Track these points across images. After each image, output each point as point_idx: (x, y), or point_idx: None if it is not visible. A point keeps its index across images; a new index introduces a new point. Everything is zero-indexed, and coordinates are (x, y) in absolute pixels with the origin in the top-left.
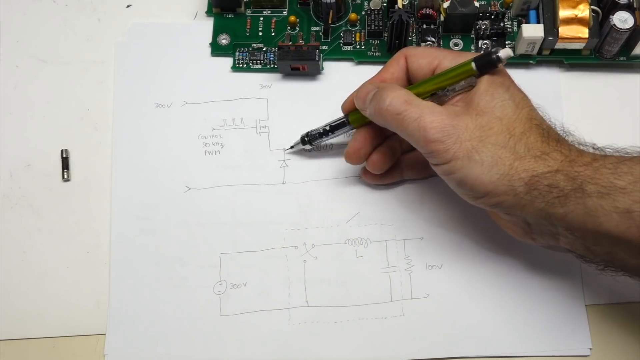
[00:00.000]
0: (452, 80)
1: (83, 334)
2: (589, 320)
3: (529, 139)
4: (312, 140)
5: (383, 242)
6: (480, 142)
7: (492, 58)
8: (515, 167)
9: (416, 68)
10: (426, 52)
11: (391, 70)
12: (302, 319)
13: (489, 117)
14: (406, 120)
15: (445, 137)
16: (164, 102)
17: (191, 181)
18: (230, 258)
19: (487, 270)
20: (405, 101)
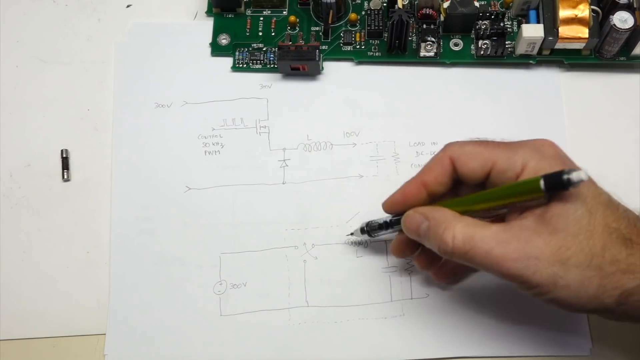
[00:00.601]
0: (516, 200)
1: (83, 334)
2: (589, 321)
3: (611, 251)
4: (370, 231)
5: (383, 242)
6: (562, 267)
7: (563, 179)
8: (604, 285)
9: (466, 172)
10: (475, 152)
11: (434, 174)
12: (302, 319)
13: (564, 236)
14: (476, 258)
15: (523, 270)
16: (164, 102)
17: (191, 181)
18: (230, 258)
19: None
20: (469, 238)
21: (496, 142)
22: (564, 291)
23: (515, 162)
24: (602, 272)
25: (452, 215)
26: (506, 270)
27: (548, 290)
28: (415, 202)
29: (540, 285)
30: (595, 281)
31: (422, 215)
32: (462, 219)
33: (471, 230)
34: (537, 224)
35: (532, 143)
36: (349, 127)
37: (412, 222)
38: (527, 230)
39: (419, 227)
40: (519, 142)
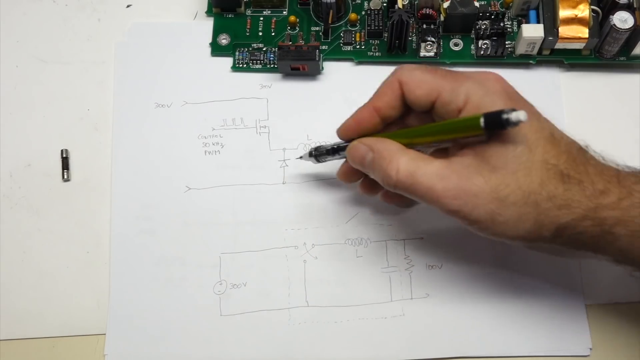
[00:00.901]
0: (457, 136)
1: (83, 334)
2: (588, 320)
3: (548, 187)
4: (318, 155)
5: (383, 242)
6: (500, 204)
7: (502, 119)
8: (541, 220)
9: (413, 100)
10: (422, 80)
11: (386, 98)
12: (302, 319)
13: (503, 174)
14: (418, 192)
15: (462, 206)
16: (164, 102)
17: (191, 181)
18: (230, 258)
19: (487, 270)
20: (411, 173)
21: (445, 71)
22: (502, 226)
23: (458, 95)
24: (538, 208)
25: (396, 148)
26: (446, 206)
27: (487, 226)
28: (368, 127)
29: (479, 222)
30: (532, 217)
31: (367, 147)
32: (406, 153)
33: (414, 164)
34: (477, 161)
35: (478, 76)
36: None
37: (356, 153)
38: (467, 167)
39: (363, 158)
40: (466, 74)
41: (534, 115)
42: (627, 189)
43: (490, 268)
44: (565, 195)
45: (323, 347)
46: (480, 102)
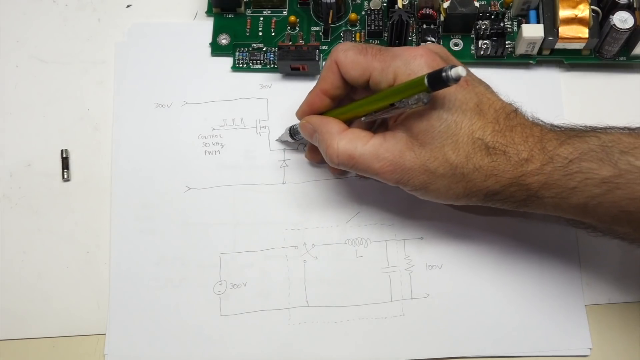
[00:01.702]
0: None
1: (83, 334)
2: (588, 320)
3: (474, 160)
4: (294, 134)
5: (383, 242)
6: (430, 175)
7: (442, 76)
8: (469, 188)
9: (349, 79)
10: (355, 62)
11: (329, 80)
12: (302, 319)
13: (431, 149)
14: (358, 170)
15: (399, 179)
16: (164, 102)
17: (191, 181)
18: (231, 258)
19: (486, 270)
20: (350, 156)
21: (376, 50)
22: (435, 193)
23: (387, 74)
24: (466, 179)
25: (337, 129)
26: (385, 180)
27: (422, 193)
28: (320, 108)
29: (414, 190)
30: (461, 186)
31: (312, 126)
32: (345, 135)
33: (352, 146)
34: (408, 138)
35: (407, 54)
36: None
37: (305, 131)
38: (399, 143)
39: (312, 136)
40: (395, 53)
41: (460, 85)
42: (549, 154)
43: (490, 268)
44: (491, 165)
45: (323, 347)
46: (407, 80)
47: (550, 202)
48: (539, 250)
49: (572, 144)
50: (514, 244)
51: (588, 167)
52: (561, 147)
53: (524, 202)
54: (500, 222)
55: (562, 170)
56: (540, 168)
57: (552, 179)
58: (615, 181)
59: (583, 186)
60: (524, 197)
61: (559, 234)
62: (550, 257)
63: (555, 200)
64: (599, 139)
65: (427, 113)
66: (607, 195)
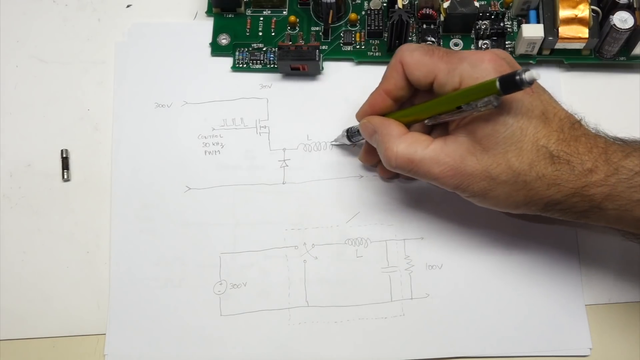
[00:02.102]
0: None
1: (83, 334)
2: (588, 320)
3: (537, 168)
4: (351, 136)
5: (383, 242)
6: (491, 182)
7: (515, 79)
8: (531, 196)
9: (414, 80)
10: (420, 62)
11: (392, 80)
12: (302, 319)
13: (494, 154)
14: (418, 175)
15: (458, 184)
16: (164, 102)
17: (191, 181)
18: (231, 258)
19: (487, 270)
20: (409, 160)
21: (443, 52)
22: (495, 200)
23: (453, 77)
24: (528, 186)
25: (397, 132)
26: (445, 185)
27: (480, 200)
28: (382, 109)
29: (473, 196)
30: (522, 194)
31: (373, 127)
32: (405, 139)
33: (412, 150)
34: (470, 143)
35: (474, 57)
36: (348, 127)
37: (365, 130)
38: (461, 148)
39: (371, 137)
40: (462, 56)
41: (526, 92)
42: (614, 166)
43: (490, 268)
44: (554, 174)
45: (323, 347)
46: (473, 84)
47: (613, 215)
48: (539, 250)
49: (638, 156)
50: (514, 244)
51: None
52: (627, 159)
53: (585, 213)
54: (501, 222)
55: (627, 182)
56: (604, 179)
57: (617, 191)
58: None
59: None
60: (586, 208)
61: (560, 234)
62: (551, 257)
63: (619, 213)
64: None
65: (492, 118)
66: None
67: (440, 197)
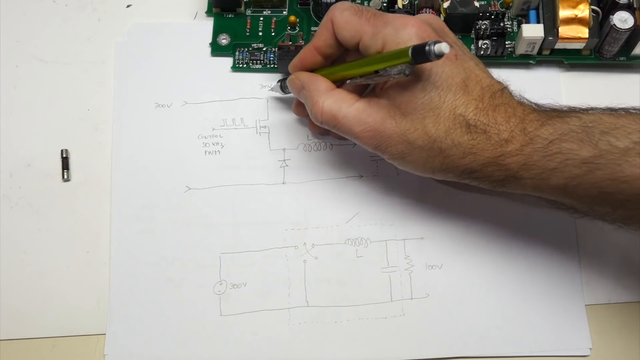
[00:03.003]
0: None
1: (83, 334)
2: (588, 320)
3: (453, 136)
4: (284, 87)
5: (383, 242)
6: (408, 146)
7: (425, 50)
8: (446, 164)
9: (342, 40)
10: (349, 23)
11: (322, 37)
12: (302, 319)
13: (412, 119)
14: (340, 131)
15: (377, 145)
16: (164, 102)
17: (191, 181)
18: (230, 258)
19: (487, 270)
20: (333, 115)
21: (370, 14)
22: (412, 164)
23: (377, 40)
24: (443, 153)
25: (324, 87)
26: (364, 145)
27: (400, 163)
28: (312, 65)
29: (392, 159)
30: (438, 160)
31: (301, 82)
32: (332, 94)
33: (337, 106)
34: (391, 106)
35: (398, 22)
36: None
37: (293, 86)
38: (382, 110)
39: (299, 92)
40: (386, 19)
41: (449, 59)
42: (530, 135)
43: (490, 268)
44: (469, 143)
45: (323, 347)
46: (395, 48)
47: (530, 183)
48: (539, 250)
49: (553, 125)
50: (514, 244)
51: (568, 147)
52: (542, 127)
53: (502, 182)
54: (501, 221)
55: (541, 152)
56: (520, 149)
57: (532, 160)
58: (595, 162)
59: (563, 167)
60: (502, 177)
61: (559, 233)
62: (550, 257)
63: (535, 182)
64: (579, 120)
65: (412, 84)
66: (587, 176)
67: (440, 197)
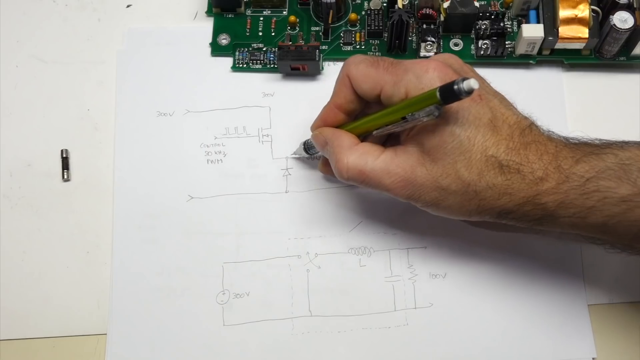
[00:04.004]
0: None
1: (83, 334)
2: (592, 326)
3: (487, 178)
4: (308, 149)
5: (386, 251)
6: (442, 192)
7: (454, 89)
8: (482, 206)
9: (361, 93)
10: (367, 75)
11: (342, 95)
12: (305, 328)
13: (443, 165)
14: (369, 186)
15: (410, 195)
16: (166, 111)
17: (194, 190)
18: (233, 267)
19: (490, 279)
20: (360, 171)
21: (388, 64)
22: (448, 209)
23: (399, 88)
24: (479, 196)
25: (347, 143)
26: (396, 195)
27: (433, 209)
28: (335, 124)
29: (426, 206)
30: (474, 203)
31: (325, 138)
32: (355, 150)
33: (362, 161)
34: (419, 153)
35: (419, 68)
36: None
37: (317, 142)
38: (411, 159)
39: (324, 148)
40: (405, 67)
41: (473, 100)
42: (565, 173)
43: (493, 277)
44: (504, 184)
45: (326, 357)
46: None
47: (567, 222)
48: (543, 260)
49: (589, 162)
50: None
51: (606, 185)
52: (577, 165)
53: (539, 221)
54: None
55: (578, 190)
56: (555, 187)
57: (569, 198)
58: (635, 199)
59: (601, 205)
60: (539, 216)
61: (563, 246)
62: (554, 267)
63: (573, 220)
64: (616, 157)
65: (440, 128)
66: (627, 214)
67: None
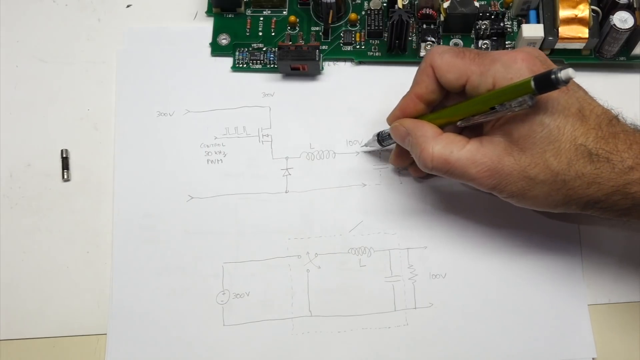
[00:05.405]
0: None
1: (83, 334)
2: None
3: (576, 167)
4: (382, 140)
5: (386, 251)
6: (529, 182)
7: (551, 78)
8: (570, 196)
9: (445, 83)
10: (452, 64)
11: (424, 84)
12: (305, 328)
13: (532, 154)
14: (454, 176)
15: (496, 184)
16: (166, 111)
17: (194, 190)
18: (233, 267)
19: (490, 279)
20: (445, 160)
21: (474, 54)
22: (533, 200)
23: (487, 78)
24: (567, 186)
25: (431, 133)
26: (482, 185)
27: (518, 200)
28: (414, 114)
29: (511, 196)
30: (561, 193)
31: (406, 129)
32: (440, 140)
33: (448, 151)
34: (507, 143)
35: (506, 58)
36: (351, 135)
37: (397, 133)
38: (498, 148)
39: (404, 139)
40: (494, 57)
41: (561, 91)
42: None
43: (493, 276)
44: (594, 173)
45: (326, 357)
46: (507, 84)
47: None
48: (544, 260)
49: None
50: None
51: None
52: None
53: (628, 210)
54: (504, 230)
55: None
56: None
57: None
58: None
59: None
60: (628, 205)
61: (562, 242)
62: (555, 267)
63: None
64: None
65: (529, 118)
66: None
67: (444, 206)
